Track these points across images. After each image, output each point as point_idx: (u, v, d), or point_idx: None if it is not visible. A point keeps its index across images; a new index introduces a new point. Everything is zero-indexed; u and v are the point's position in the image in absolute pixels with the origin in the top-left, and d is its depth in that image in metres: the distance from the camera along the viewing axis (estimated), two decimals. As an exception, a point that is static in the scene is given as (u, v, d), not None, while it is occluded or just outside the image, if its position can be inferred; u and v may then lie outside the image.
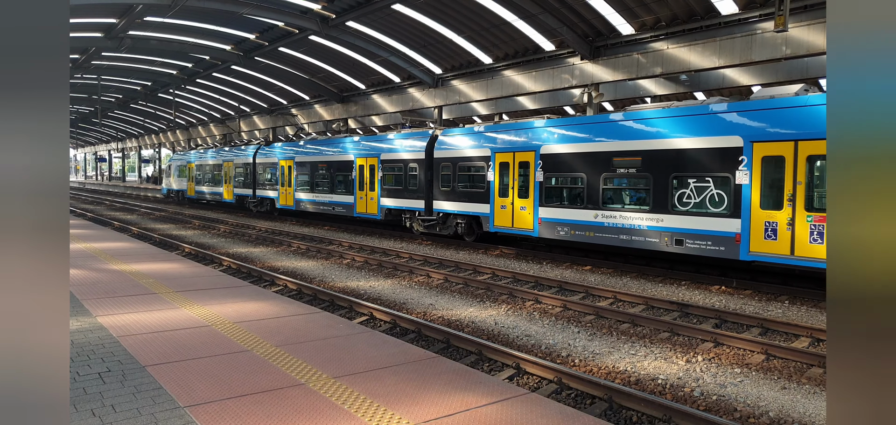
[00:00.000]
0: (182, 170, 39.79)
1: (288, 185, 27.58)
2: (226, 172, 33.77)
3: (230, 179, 33.15)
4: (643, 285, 12.76)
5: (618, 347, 8.29)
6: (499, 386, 5.06)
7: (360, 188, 22.68)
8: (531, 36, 23.76)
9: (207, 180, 35.58)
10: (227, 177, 33.62)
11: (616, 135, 14.26)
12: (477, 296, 11.56)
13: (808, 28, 16.51)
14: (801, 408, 6.19)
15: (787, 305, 10.88)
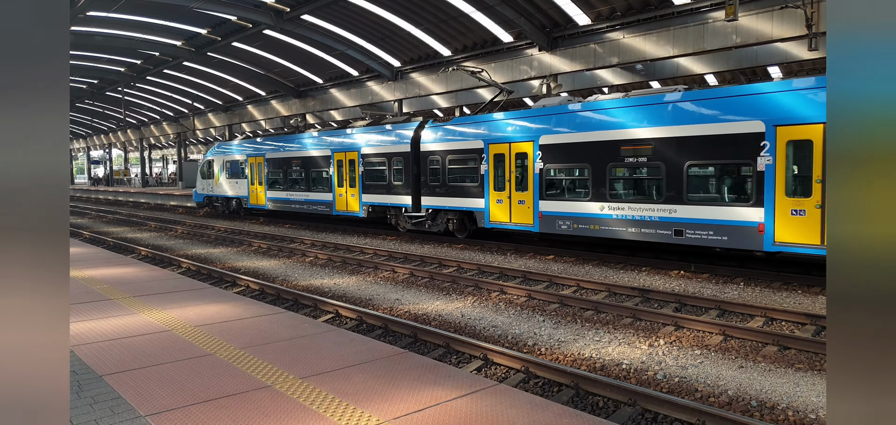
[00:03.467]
0: (237, 167, 27.40)
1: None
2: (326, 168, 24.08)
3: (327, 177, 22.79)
4: (605, 272, 13.01)
5: (582, 334, 8.42)
6: (467, 379, 5.06)
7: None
8: (489, 27, 23.82)
9: (298, 180, 23.75)
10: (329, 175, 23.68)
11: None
12: (443, 290, 11.56)
13: (756, 17, 17.06)
14: (757, 386, 6.42)
15: (743, 287, 11.27)
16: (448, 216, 18.21)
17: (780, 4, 16.43)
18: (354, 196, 20.62)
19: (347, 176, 20.83)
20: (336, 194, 21.31)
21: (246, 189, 26.87)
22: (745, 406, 5.95)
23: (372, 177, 19.99)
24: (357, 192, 20.47)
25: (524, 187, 15.50)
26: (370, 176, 19.99)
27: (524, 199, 15.48)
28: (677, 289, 11.09)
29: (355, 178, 20.51)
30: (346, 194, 20.94)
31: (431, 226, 18.76)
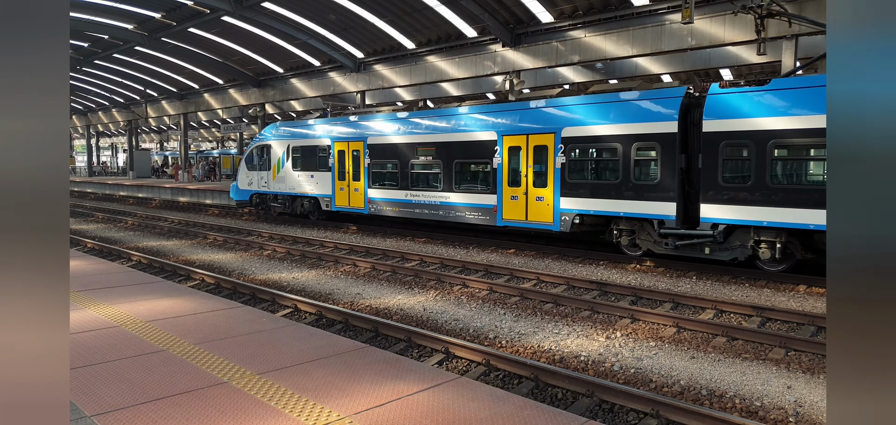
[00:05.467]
0: (314, 155, 20.46)
1: None
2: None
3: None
4: (564, 266, 13.22)
5: (542, 327, 8.54)
6: (429, 372, 5.06)
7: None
8: (454, 21, 23.82)
9: (428, 175, 17.09)
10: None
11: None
12: (405, 283, 11.53)
13: (710, 21, 17.60)
14: (707, 375, 6.65)
15: (695, 280, 11.64)
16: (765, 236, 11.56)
17: (733, 10, 17.00)
18: (545, 198, 14.37)
19: (528, 169, 14.60)
20: (505, 196, 15.05)
21: (330, 185, 19.66)
22: (696, 395, 6.15)
23: (583, 171, 13.74)
24: (549, 193, 14.26)
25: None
26: (579, 170, 13.77)
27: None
28: (634, 283, 11.37)
29: (547, 173, 14.26)
30: (526, 196, 14.71)
31: (730, 252, 11.94)
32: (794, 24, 15.78)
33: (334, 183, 19.59)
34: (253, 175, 22.92)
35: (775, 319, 8.82)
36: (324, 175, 20.06)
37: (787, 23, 15.97)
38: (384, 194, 18.12)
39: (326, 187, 20.01)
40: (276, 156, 21.76)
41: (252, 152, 22.88)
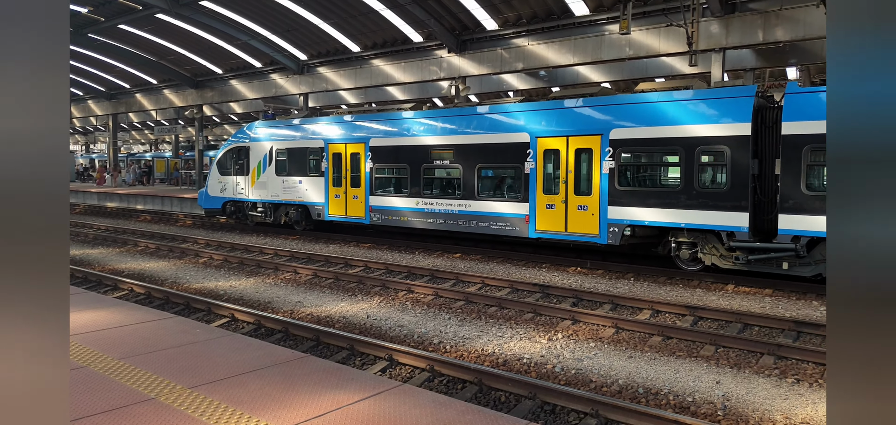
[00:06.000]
0: (303, 158, 18.44)
1: None
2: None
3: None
4: (509, 269, 13.37)
5: (486, 330, 8.59)
6: (371, 381, 4.98)
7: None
8: (400, 26, 23.75)
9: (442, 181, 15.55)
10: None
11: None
12: (348, 290, 11.35)
13: (646, 32, 18.30)
14: (644, 374, 6.86)
15: (633, 282, 12.03)
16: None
17: (666, 23, 17.75)
18: (589, 208, 12.85)
19: (568, 175, 13.07)
20: (539, 205, 13.58)
21: (322, 191, 17.74)
22: (634, 393, 6.33)
23: (636, 177, 12.55)
24: (595, 202, 12.74)
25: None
26: (632, 176, 12.51)
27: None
28: (575, 285, 11.63)
29: (592, 180, 12.81)
30: (566, 205, 13.12)
31: None
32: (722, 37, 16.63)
33: (328, 189, 17.65)
34: (227, 180, 20.49)
35: (706, 318, 9.21)
36: (315, 180, 17.99)
37: (716, 36, 16.80)
38: (390, 202, 16.23)
39: (318, 194, 18.00)
40: (256, 159, 19.59)
41: (226, 155, 20.57)
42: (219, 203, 21.06)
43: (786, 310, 9.68)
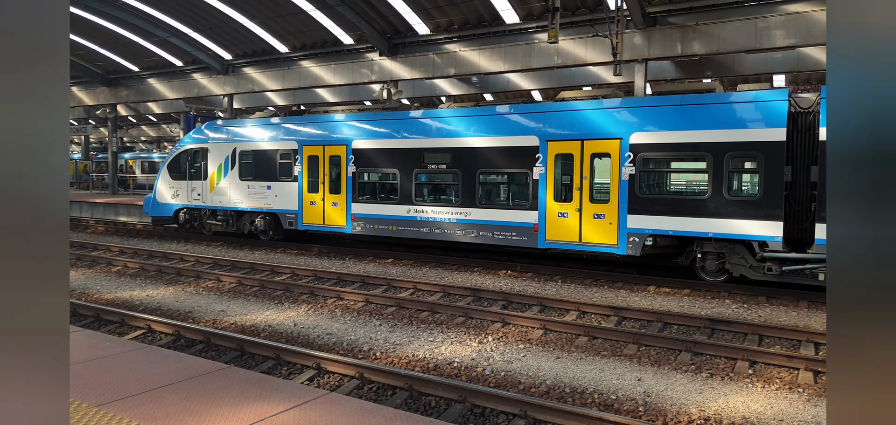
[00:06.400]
0: (270, 161, 17.02)
1: None
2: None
3: None
4: (441, 273, 13.39)
5: (418, 336, 8.55)
6: (296, 390, 4.82)
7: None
8: (330, 28, 23.35)
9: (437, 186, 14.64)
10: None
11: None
12: (275, 298, 10.98)
13: (573, 42, 18.93)
14: (570, 374, 7.04)
15: (560, 284, 12.35)
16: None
17: (592, 33, 18.44)
18: (606, 216, 12.18)
19: (583, 182, 12.44)
20: (550, 213, 12.78)
21: (295, 198, 16.37)
22: (561, 393, 6.48)
23: (659, 184, 12.43)
24: (612, 210, 12.20)
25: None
26: (654, 182, 12.30)
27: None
28: (505, 288, 11.80)
29: (610, 187, 12.19)
30: (580, 213, 12.50)
31: None
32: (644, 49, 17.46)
33: (302, 196, 16.23)
34: (180, 185, 18.70)
35: (630, 318, 9.59)
36: (286, 186, 16.57)
37: (639, 48, 17.61)
38: (377, 210, 15.07)
39: (290, 201, 16.51)
40: (217, 161, 17.89)
41: (180, 157, 18.74)
42: (170, 210, 19.12)
43: (701, 309, 10.24)
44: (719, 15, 16.73)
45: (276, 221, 17.41)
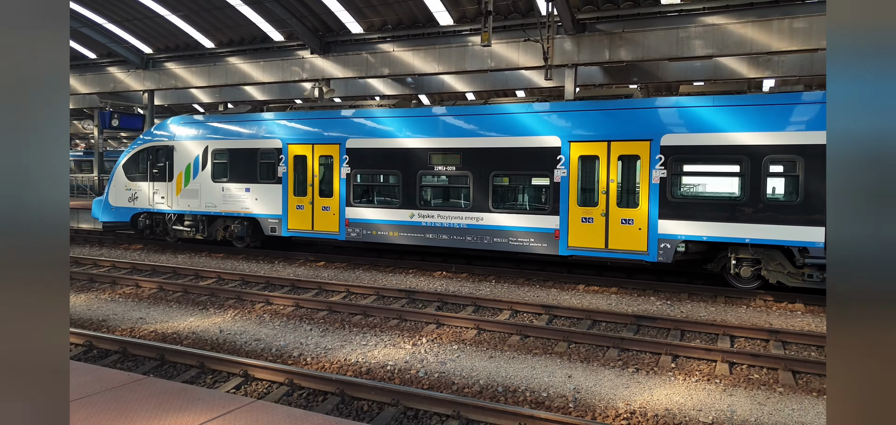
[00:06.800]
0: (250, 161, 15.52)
1: None
2: None
3: None
4: (375, 276, 13.23)
5: (350, 340, 8.38)
6: (220, 399, 4.58)
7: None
8: (259, 24, 22.60)
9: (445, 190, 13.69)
10: None
11: None
12: (199, 304, 10.47)
13: (506, 45, 19.24)
14: (503, 373, 7.11)
15: (494, 284, 12.49)
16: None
17: (524, 38, 18.82)
18: (635, 221, 11.75)
19: (610, 185, 11.92)
20: (572, 218, 12.15)
21: (280, 201, 14.97)
22: (494, 392, 6.53)
23: (693, 188, 11.87)
24: (642, 215, 11.68)
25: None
26: (687, 186, 11.79)
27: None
28: (440, 289, 11.80)
29: (639, 190, 11.71)
30: (606, 218, 11.88)
31: None
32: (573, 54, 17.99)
33: (287, 199, 14.89)
34: (138, 187, 16.90)
35: (560, 316, 9.83)
36: (268, 188, 15.08)
37: (569, 53, 18.13)
38: (375, 215, 13.93)
39: (273, 204, 15.06)
40: (184, 161, 16.19)
41: (138, 156, 16.90)
42: (126, 214, 17.20)
43: (628, 307, 10.64)
44: (644, 24, 17.51)
45: (256, 227, 15.92)
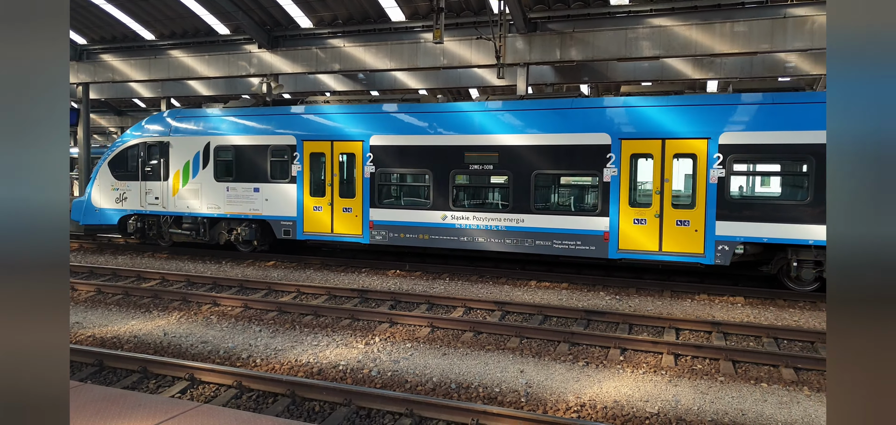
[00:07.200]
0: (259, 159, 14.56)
1: None
2: None
3: None
4: (326, 276, 13.01)
5: (301, 340, 8.21)
6: (163, 405, 4.40)
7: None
8: (203, 16, 21.83)
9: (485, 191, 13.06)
10: None
11: None
12: (141, 307, 10.03)
13: (459, 43, 19.28)
14: (456, 369, 7.12)
15: (448, 281, 12.51)
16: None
17: (477, 36, 18.91)
18: (691, 223, 11.36)
19: (664, 185, 11.49)
20: (624, 219, 11.74)
21: (294, 202, 14.11)
22: (447, 389, 6.53)
23: (754, 187, 11.76)
24: (699, 216, 11.30)
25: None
26: (748, 186, 11.67)
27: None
28: (393, 288, 11.72)
29: (696, 190, 11.37)
30: (660, 219, 11.51)
31: None
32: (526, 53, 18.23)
33: (302, 200, 14.06)
34: (129, 187, 15.63)
35: (513, 312, 9.93)
36: (280, 188, 14.20)
37: (521, 52, 18.34)
38: (401, 216, 13.29)
39: (286, 206, 14.19)
40: (183, 158, 15.10)
41: (125, 153, 15.62)
42: (114, 217, 15.88)
43: (578, 302, 10.86)
44: (593, 24, 17.90)
45: (265, 230, 15.02)
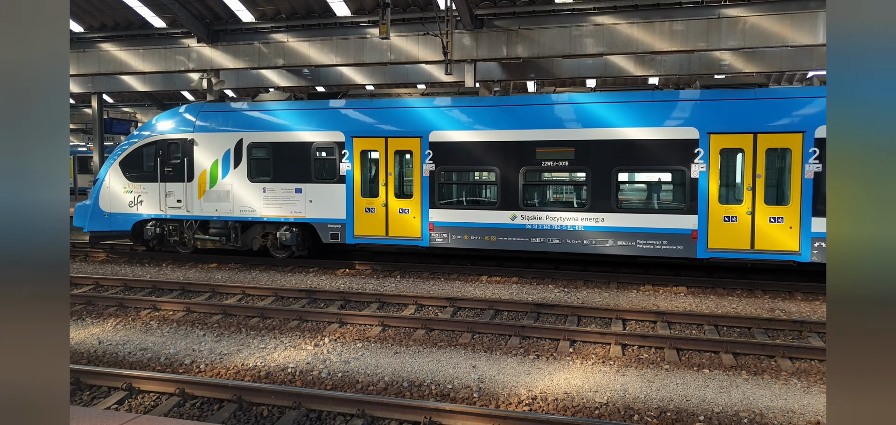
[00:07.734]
0: (303, 157, 13.28)
1: None
2: None
3: None
4: (272, 277, 12.67)
5: (247, 343, 7.95)
6: (98, 417, 4.15)
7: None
8: (136, 7, 20.81)
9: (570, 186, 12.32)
10: None
11: None
12: (74, 314, 9.46)
13: (405, 39, 19.16)
14: (409, 367, 7.07)
15: (399, 279, 12.41)
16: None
17: (424, 32, 18.85)
18: (785, 220, 10.95)
19: (756, 181, 11.04)
20: (713, 217, 11.26)
21: (342, 204, 13.03)
22: (399, 388, 6.46)
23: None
24: (793, 213, 10.93)
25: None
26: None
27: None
28: (343, 287, 11.53)
29: (788, 186, 11.00)
30: (752, 216, 11.09)
31: None
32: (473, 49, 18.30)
33: (353, 201, 13.03)
34: (145, 189, 14.05)
35: (464, 308, 9.95)
36: (326, 189, 13.12)
37: (468, 48, 18.40)
38: (465, 217, 12.47)
39: (334, 207, 13.12)
40: (210, 157, 13.72)
41: (139, 152, 14.07)
42: (126, 222, 14.26)
43: (528, 295, 11.00)
44: (539, 21, 18.15)
45: (308, 234, 13.89)
